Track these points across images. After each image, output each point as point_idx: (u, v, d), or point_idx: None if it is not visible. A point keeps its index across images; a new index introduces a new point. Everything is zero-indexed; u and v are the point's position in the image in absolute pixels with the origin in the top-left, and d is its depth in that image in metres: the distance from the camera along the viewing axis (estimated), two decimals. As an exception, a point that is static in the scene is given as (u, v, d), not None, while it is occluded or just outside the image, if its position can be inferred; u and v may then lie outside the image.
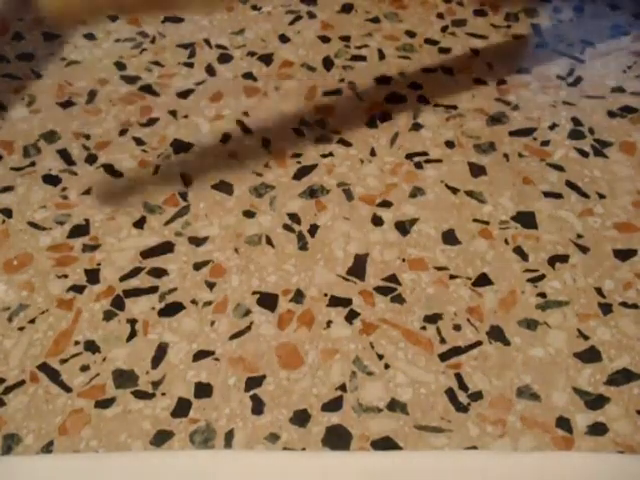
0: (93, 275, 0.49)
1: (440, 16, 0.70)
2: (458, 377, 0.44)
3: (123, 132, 0.59)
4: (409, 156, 0.57)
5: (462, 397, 0.43)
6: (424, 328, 0.46)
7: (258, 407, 0.43)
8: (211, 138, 0.58)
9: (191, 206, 0.53)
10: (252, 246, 0.51)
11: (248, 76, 0.64)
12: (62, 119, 0.59)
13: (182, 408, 0.42)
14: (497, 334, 0.46)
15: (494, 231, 0.52)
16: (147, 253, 0.50)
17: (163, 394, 0.43)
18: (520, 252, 0.51)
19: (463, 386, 0.44)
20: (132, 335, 0.46)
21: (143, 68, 0.64)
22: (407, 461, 0.39)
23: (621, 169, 0.56)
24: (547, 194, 0.54)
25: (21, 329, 0.46)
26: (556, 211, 0.53)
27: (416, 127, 0.59)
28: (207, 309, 0.47)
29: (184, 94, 0.62)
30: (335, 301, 0.48)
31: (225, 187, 0.55)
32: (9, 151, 0.57)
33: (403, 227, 0.52)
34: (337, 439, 0.41)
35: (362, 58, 0.65)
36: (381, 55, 0.65)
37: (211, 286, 0.49)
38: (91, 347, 0.45)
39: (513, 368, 0.44)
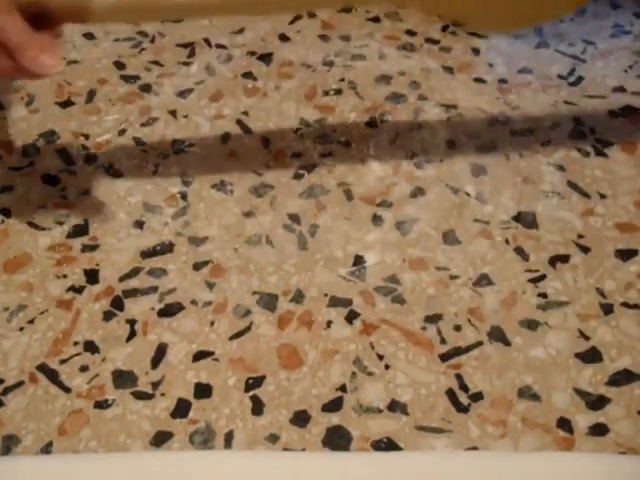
0: (92, 275, 0.49)
1: (440, 15, 0.69)
2: (459, 377, 0.44)
3: (122, 132, 0.58)
4: (409, 156, 0.57)
5: (463, 397, 0.43)
6: (424, 328, 0.46)
7: (258, 408, 0.42)
8: (211, 138, 0.58)
9: (191, 206, 0.53)
10: (252, 246, 0.51)
11: (248, 76, 0.63)
12: (61, 118, 0.59)
13: (182, 409, 0.42)
14: (498, 334, 0.46)
15: (494, 231, 0.52)
16: (147, 253, 0.50)
17: (162, 395, 0.43)
18: (521, 252, 0.51)
19: (464, 386, 0.44)
20: (131, 335, 0.46)
21: (142, 67, 0.64)
22: (407, 462, 0.39)
23: (622, 169, 0.56)
24: (548, 194, 0.54)
25: (20, 329, 0.46)
26: (557, 211, 0.53)
27: (416, 127, 0.59)
28: (207, 309, 0.47)
29: (184, 94, 0.62)
30: (335, 301, 0.48)
31: (225, 187, 0.55)
32: (8, 151, 0.57)
33: (403, 227, 0.52)
34: (337, 440, 0.41)
35: (362, 57, 0.65)
36: (381, 54, 0.65)
37: (211, 286, 0.48)
38: (90, 347, 0.45)
39: (514, 368, 0.44)
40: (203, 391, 0.43)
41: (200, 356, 0.45)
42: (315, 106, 0.61)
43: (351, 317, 0.47)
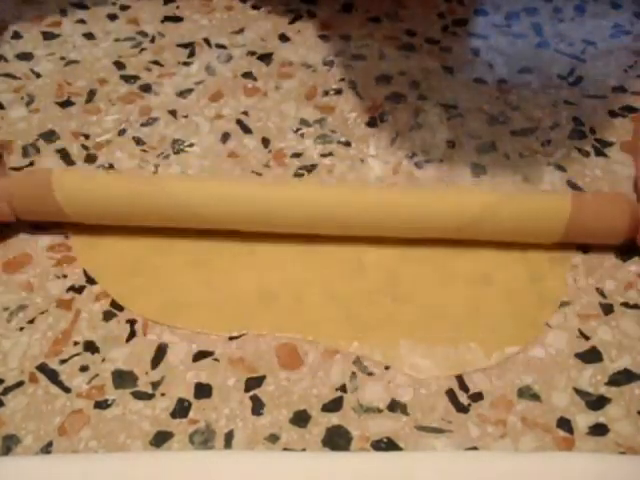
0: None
1: (441, 15, 0.69)
2: (459, 377, 0.44)
3: (122, 132, 0.58)
4: (409, 156, 0.57)
5: (463, 398, 0.43)
6: (424, 328, 0.46)
7: (258, 408, 0.42)
8: (211, 138, 0.58)
9: (191, 206, 0.53)
10: (252, 246, 0.51)
11: (248, 76, 0.63)
12: (61, 118, 0.59)
13: (182, 409, 0.42)
14: (498, 334, 0.46)
15: (495, 231, 0.52)
16: (147, 253, 0.50)
17: (162, 395, 0.43)
18: (521, 252, 0.50)
19: (464, 387, 0.44)
20: (131, 336, 0.46)
21: (142, 67, 0.64)
22: (407, 462, 0.39)
23: (622, 169, 0.56)
24: (548, 194, 0.54)
25: (20, 329, 0.46)
26: (557, 211, 0.53)
27: (416, 127, 0.59)
28: (207, 309, 0.47)
29: (184, 94, 0.62)
30: (335, 301, 0.48)
31: (225, 187, 0.55)
32: (8, 151, 0.57)
33: (403, 227, 0.52)
34: (337, 440, 0.41)
35: (362, 57, 0.65)
36: (381, 54, 0.65)
37: (211, 286, 0.48)
38: (90, 347, 0.45)
39: (514, 369, 0.44)
40: (203, 391, 0.43)
41: (200, 356, 0.45)
42: (315, 106, 0.61)
43: (351, 317, 0.47)
